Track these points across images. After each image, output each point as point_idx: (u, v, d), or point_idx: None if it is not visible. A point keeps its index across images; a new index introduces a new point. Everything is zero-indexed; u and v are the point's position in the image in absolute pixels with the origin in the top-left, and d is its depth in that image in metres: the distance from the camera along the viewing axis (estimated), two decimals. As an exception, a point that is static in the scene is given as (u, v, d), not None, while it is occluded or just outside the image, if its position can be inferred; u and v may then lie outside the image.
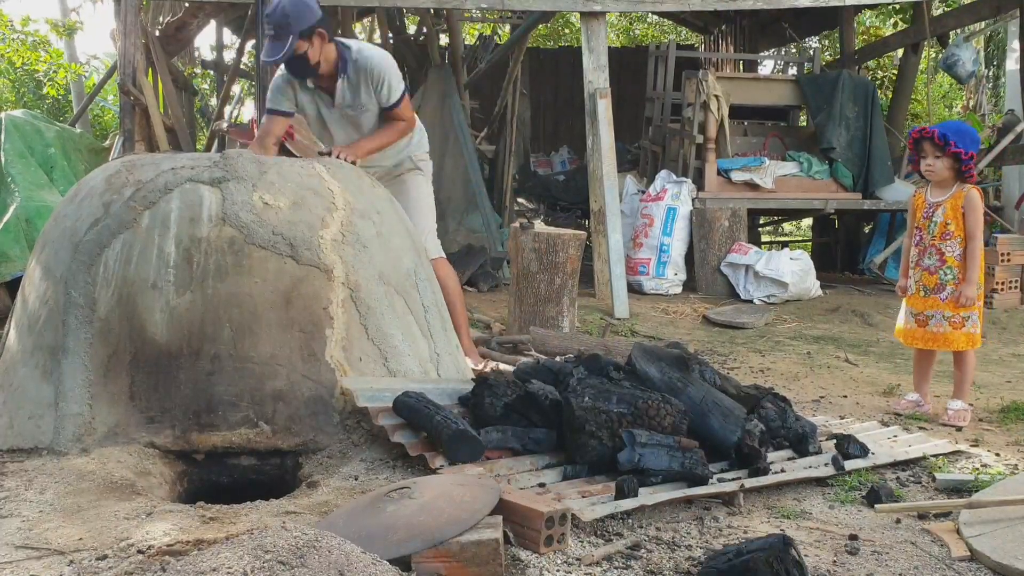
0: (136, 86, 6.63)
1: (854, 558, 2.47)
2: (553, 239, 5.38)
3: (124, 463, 2.91)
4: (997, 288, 7.12)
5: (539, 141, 14.82)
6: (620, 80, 11.10)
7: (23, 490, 2.72)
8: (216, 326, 3.10)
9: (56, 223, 3.40)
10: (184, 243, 3.16)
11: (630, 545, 2.48)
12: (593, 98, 6.90)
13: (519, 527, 2.39)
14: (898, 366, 5.19)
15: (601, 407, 2.90)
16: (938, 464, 3.29)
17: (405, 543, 2.20)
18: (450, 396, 3.28)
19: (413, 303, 3.57)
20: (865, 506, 2.88)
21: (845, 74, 8.84)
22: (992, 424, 3.95)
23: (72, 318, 3.14)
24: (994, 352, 5.69)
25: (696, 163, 8.29)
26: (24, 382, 3.18)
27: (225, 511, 2.61)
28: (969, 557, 2.48)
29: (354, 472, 2.93)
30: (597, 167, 6.91)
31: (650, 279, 7.89)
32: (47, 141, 6.38)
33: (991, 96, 14.14)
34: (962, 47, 9.06)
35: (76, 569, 2.21)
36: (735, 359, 5.27)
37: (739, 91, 8.73)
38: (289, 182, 3.36)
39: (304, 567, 1.74)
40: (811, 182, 8.46)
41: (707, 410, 3.05)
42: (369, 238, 3.45)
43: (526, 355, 4.87)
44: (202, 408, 3.06)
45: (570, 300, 5.49)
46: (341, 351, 3.22)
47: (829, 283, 8.29)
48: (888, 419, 3.98)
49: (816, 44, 14.15)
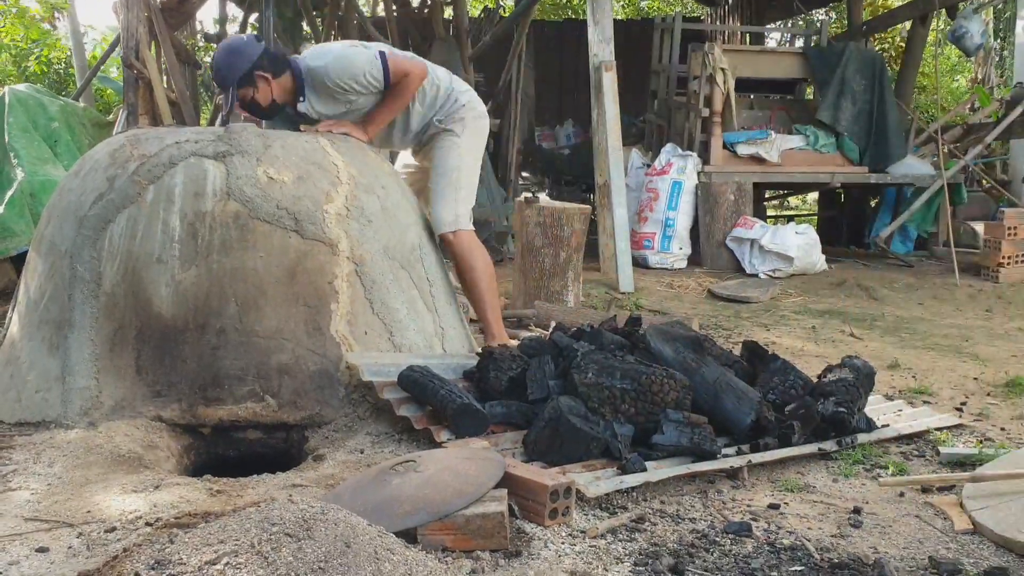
0: (139, 59, 6.60)
1: (857, 531, 2.49)
2: (558, 213, 5.36)
3: (131, 436, 2.93)
4: (1003, 262, 7.09)
5: (544, 114, 14.72)
6: (625, 53, 11.01)
7: (31, 463, 2.74)
8: (221, 300, 3.11)
9: (61, 197, 3.40)
10: (189, 217, 3.16)
11: (634, 518, 2.49)
12: (598, 71, 6.86)
13: (524, 500, 2.40)
14: (903, 340, 5.18)
15: (604, 383, 2.91)
16: (942, 438, 3.30)
17: (411, 516, 2.21)
18: (455, 370, 3.29)
19: (418, 277, 3.57)
20: (869, 479, 2.89)
21: (852, 46, 8.76)
22: (997, 398, 3.95)
23: (78, 292, 3.15)
24: (1000, 326, 5.68)
25: (702, 137, 8.24)
26: (31, 356, 3.19)
27: (232, 484, 2.63)
28: (972, 530, 2.49)
29: (360, 446, 2.94)
30: (602, 141, 6.88)
31: (655, 253, 7.88)
32: (51, 115, 6.36)
33: (999, 69, 14.02)
34: (970, 19, 8.97)
35: (85, 541, 2.23)
36: (740, 333, 5.27)
37: (745, 64, 8.65)
38: (293, 156, 3.35)
39: (311, 539, 1.75)
40: (817, 156, 8.41)
41: (721, 391, 3.04)
42: (374, 212, 3.44)
43: (531, 330, 4.88)
44: (208, 382, 3.07)
45: (575, 274, 5.48)
46: (346, 325, 3.23)
47: (835, 257, 8.27)
48: (892, 393, 3.98)
49: (823, 16, 14.03)
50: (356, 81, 3.70)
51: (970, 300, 6.58)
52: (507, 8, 12.48)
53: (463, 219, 3.97)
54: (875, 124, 8.46)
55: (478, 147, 4.08)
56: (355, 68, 3.70)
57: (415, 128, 4.02)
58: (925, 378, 4.27)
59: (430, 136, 4.02)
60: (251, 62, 3.58)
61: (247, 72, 3.58)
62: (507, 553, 2.22)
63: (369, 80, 3.71)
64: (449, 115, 3.97)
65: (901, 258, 8.26)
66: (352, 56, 3.77)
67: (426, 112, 3.97)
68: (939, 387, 4.11)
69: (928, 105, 12.30)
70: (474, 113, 4.02)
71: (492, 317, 4.04)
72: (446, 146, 3.97)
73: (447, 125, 3.97)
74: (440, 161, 3.97)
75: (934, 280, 7.19)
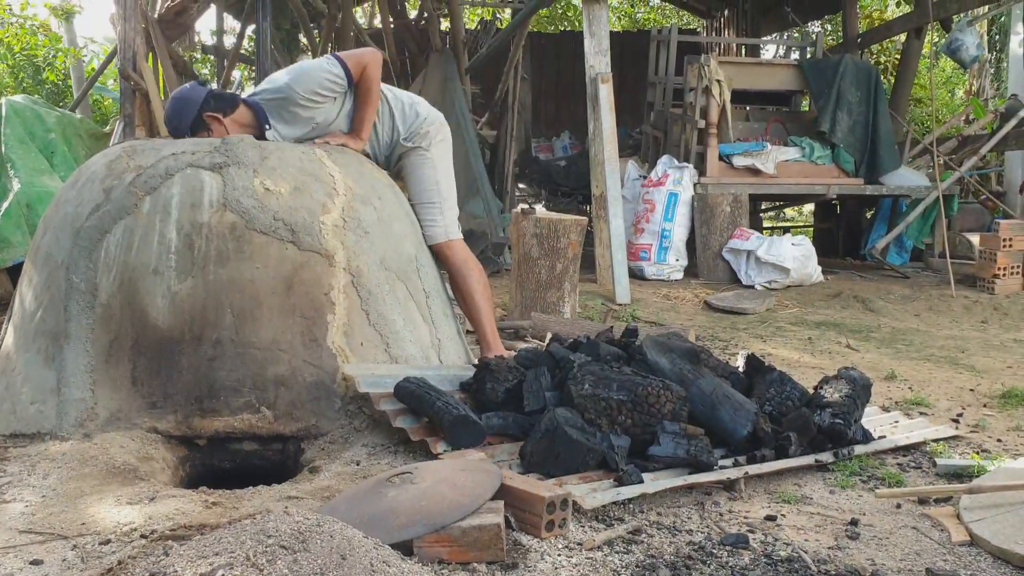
0: (136, 71, 6.61)
1: (854, 543, 2.48)
2: (554, 224, 5.37)
3: (126, 448, 2.92)
4: (999, 274, 7.11)
5: (541, 126, 14.77)
6: (622, 65, 11.06)
7: (26, 475, 2.73)
8: (218, 311, 3.11)
9: (57, 209, 3.39)
10: (185, 229, 3.16)
11: (631, 530, 2.49)
12: (595, 83, 6.88)
13: (520, 512, 2.40)
14: (899, 352, 5.19)
15: (601, 394, 2.91)
16: (939, 449, 3.30)
17: (407, 528, 2.21)
18: (451, 382, 3.29)
19: (415, 289, 3.57)
20: (866, 491, 2.89)
21: (847, 59, 8.80)
22: (993, 409, 3.95)
23: (74, 303, 3.14)
24: (995, 338, 5.69)
25: (698, 148, 8.27)
26: (26, 367, 3.18)
27: (227, 496, 2.62)
28: (969, 542, 2.49)
29: (356, 457, 2.93)
30: (599, 152, 6.89)
31: (651, 265, 7.89)
32: (47, 126, 6.36)
33: (994, 81, 14.08)
34: (965, 31, 9.02)
35: (79, 553, 2.22)
36: (736, 344, 5.27)
37: (741, 76, 8.69)
38: (290, 167, 3.35)
39: (306, 551, 1.75)
40: (813, 167, 8.44)
41: (717, 402, 3.03)
42: (370, 223, 3.45)
43: (527, 341, 4.88)
44: (204, 393, 3.07)
45: (571, 286, 5.49)
46: (343, 337, 3.22)
47: (831, 269, 8.29)
48: (889, 404, 3.98)
49: (819, 28, 14.09)
50: (321, 87, 3.70)
51: (966, 311, 6.59)
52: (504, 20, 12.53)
53: (452, 229, 4.02)
54: (870, 136, 8.50)
55: (448, 156, 4.13)
56: (316, 75, 3.71)
57: (384, 151, 4.05)
58: (921, 389, 4.27)
59: (399, 157, 4.06)
60: (197, 106, 3.61)
61: (196, 117, 3.61)
62: (504, 565, 2.21)
63: (333, 81, 3.71)
64: (413, 132, 3.99)
65: (897, 269, 8.27)
66: (307, 66, 3.83)
67: (394, 132, 3.99)
68: (935, 398, 4.11)
69: (923, 118, 12.35)
70: (436, 124, 4.06)
71: (488, 328, 4.05)
72: (418, 163, 4.01)
73: (413, 142, 4.00)
74: (416, 179, 4.02)
75: (930, 291, 7.20)
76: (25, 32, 11.32)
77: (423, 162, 4.01)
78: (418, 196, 4.00)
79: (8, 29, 11.28)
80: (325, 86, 3.70)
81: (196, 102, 3.62)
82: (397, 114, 3.97)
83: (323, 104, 3.75)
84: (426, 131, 4.00)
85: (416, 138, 3.99)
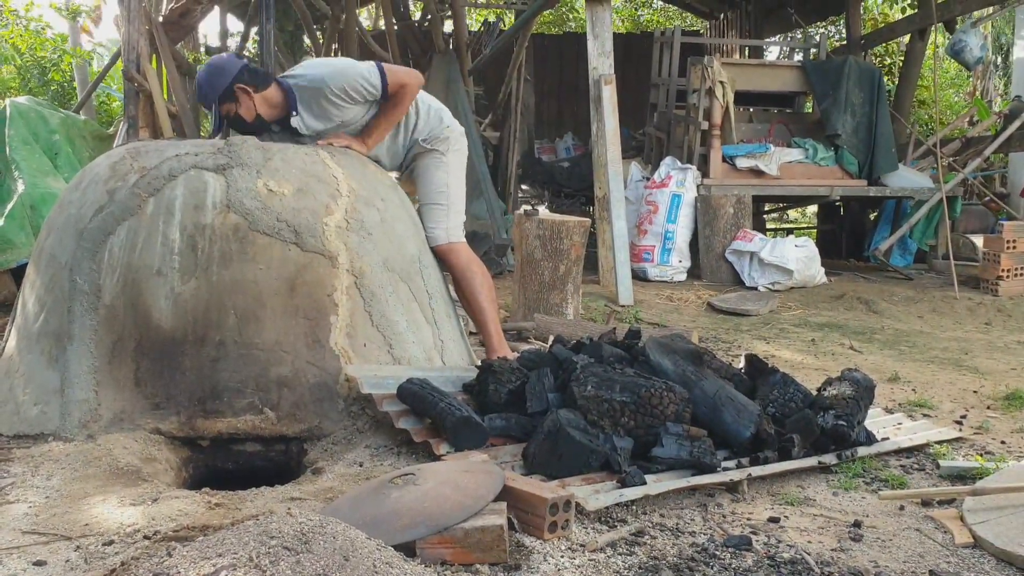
0: (140, 72, 6.62)
1: (858, 545, 2.48)
2: (557, 226, 5.37)
3: (130, 449, 2.93)
4: (1003, 275, 7.10)
5: (543, 128, 14.78)
6: (625, 66, 11.07)
7: (30, 476, 2.74)
8: (221, 313, 3.11)
9: (61, 210, 3.40)
10: (188, 230, 3.16)
11: (634, 531, 2.49)
12: (598, 84, 6.88)
13: (523, 513, 2.40)
14: (902, 353, 5.18)
15: (604, 396, 2.90)
16: (942, 451, 3.29)
17: (410, 529, 2.21)
18: (454, 383, 3.29)
19: (417, 290, 3.57)
20: (869, 493, 2.88)
21: (851, 60, 8.79)
22: (996, 411, 3.95)
23: (77, 305, 3.15)
24: (999, 339, 5.68)
25: (701, 150, 8.26)
26: (30, 369, 3.19)
27: (231, 497, 2.63)
28: (973, 544, 2.48)
29: (359, 458, 2.94)
30: (602, 153, 6.89)
31: (654, 266, 7.88)
32: (51, 128, 6.37)
33: (998, 82, 14.06)
34: (969, 33, 9.00)
35: (83, 554, 2.22)
36: (740, 346, 5.26)
37: (744, 77, 8.68)
38: (293, 169, 3.36)
39: (309, 553, 1.75)
40: (816, 169, 8.42)
41: (720, 404, 3.03)
42: (373, 225, 3.45)
43: (530, 343, 4.87)
44: (207, 394, 3.07)
45: (574, 287, 5.48)
46: (345, 338, 3.23)
47: (834, 270, 8.28)
48: (892, 406, 3.98)
49: (822, 30, 14.08)
50: (354, 89, 3.70)
51: (969, 313, 6.58)
52: (507, 22, 12.53)
53: (455, 232, 4.01)
54: (873, 137, 8.49)
55: (462, 166, 4.14)
56: (353, 76, 3.71)
57: (402, 150, 4.05)
58: (925, 391, 4.26)
59: (415, 156, 4.05)
60: (231, 77, 3.61)
61: (228, 87, 3.61)
62: (506, 567, 2.21)
63: (367, 88, 3.72)
64: (434, 136, 4.01)
65: (900, 271, 8.26)
66: (347, 66, 3.81)
67: (415, 132, 4.00)
68: (939, 400, 4.10)
69: (927, 120, 12.33)
70: (457, 134, 4.08)
71: (492, 329, 4.05)
72: (432, 165, 4.02)
73: (432, 145, 4.01)
74: (428, 179, 4.01)
75: (933, 293, 7.19)
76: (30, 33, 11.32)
77: (438, 165, 4.02)
78: (426, 197, 3.99)
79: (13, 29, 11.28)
80: (358, 90, 3.71)
81: (231, 72, 3.62)
82: (422, 115, 3.99)
83: (352, 106, 3.76)
84: (446, 137, 4.03)
85: (435, 142, 4.01)
